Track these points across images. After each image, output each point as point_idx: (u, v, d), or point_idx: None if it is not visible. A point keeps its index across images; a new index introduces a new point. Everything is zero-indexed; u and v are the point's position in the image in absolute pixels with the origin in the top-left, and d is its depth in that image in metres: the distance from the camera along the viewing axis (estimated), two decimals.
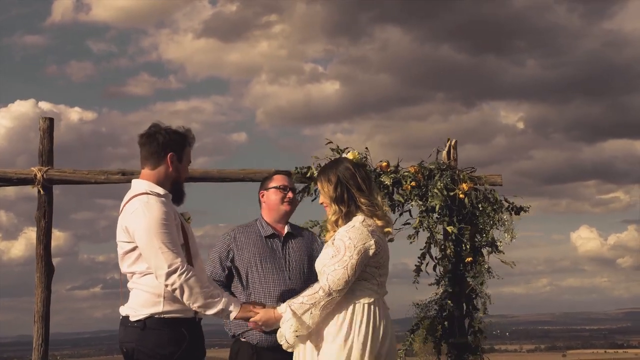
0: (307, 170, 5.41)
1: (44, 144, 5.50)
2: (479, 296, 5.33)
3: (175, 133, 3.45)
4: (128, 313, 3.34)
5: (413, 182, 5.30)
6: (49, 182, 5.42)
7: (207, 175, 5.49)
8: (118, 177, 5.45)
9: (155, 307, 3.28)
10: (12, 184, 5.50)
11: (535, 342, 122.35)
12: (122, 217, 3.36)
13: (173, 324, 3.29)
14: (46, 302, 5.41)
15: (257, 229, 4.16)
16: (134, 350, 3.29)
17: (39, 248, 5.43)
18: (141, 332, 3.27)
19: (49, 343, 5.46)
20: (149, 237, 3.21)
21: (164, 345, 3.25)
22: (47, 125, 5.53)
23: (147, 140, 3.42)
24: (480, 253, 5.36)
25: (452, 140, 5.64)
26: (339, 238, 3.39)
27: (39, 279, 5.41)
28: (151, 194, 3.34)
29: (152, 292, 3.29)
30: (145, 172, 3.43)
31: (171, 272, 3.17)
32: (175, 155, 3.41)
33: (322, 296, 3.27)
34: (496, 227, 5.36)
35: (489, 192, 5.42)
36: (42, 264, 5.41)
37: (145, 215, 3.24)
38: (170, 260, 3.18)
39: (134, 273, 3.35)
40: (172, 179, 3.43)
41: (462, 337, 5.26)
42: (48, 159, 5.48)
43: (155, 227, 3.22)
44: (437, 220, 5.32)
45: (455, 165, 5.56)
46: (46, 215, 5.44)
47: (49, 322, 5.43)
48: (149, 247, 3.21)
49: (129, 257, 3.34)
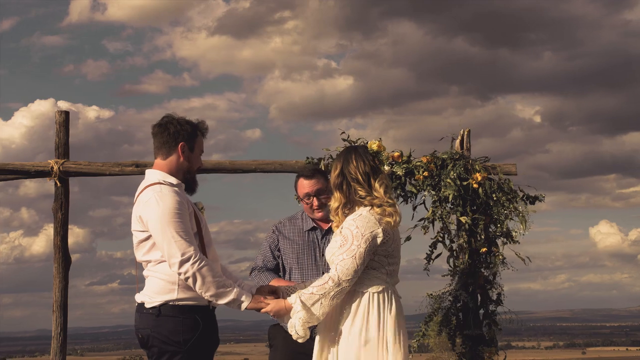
0: (318, 161, 5.42)
1: (60, 137, 5.58)
2: (493, 287, 5.31)
3: (187, 123, 3.48)
4: (143, 300, 3.38)
5: (425, 172, 5.28)
6: (65, 175, 5.50)
7: (220, 167, 5.53)
8: (132, 169, 5.52)
9: (170, 294, 3.31)
10: (29, 176, 5.59)
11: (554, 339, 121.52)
12: (136, 207, 3.39)
13: (187, 311, 3.31)
14: (64, 292, 5.49)
15: (300, 222, 4.32)
16: (149, 336, 3.33)
17: (56, 239, 5.52)
18: (156, 319, 3.30)
19: (67, 332, 5.54)
20: (162, 226, 3.24)
21: (179, 332, 3.28)
22: (63, 118, 5.61)
23: (159, 130, 3.46)
24: (494, 244, 5.33)
25: (465, 129, 5.61)
26: (346, 227, 3.40)
27: (57, 269, 5.49)
28: (164, 183, 3.37)
29: (167, 280, 3.32)
30: (158, 162, 3.46)
31: (184, 261, 3.20)
32: (186, 144, 3.44)
33: (331, 286, 3.28)
34: (511, 217, 5.33)
35: (503, 182, 5.38)
36: (59, 254, 5.50)
37: (159, 205, 3.26)
38: (184, 249, 3.20)
39: (149, 261, 3.38)
40: (184, 168, 3.45)
41: (476, 328, 5.23)
42: (64, 151, 5.56)
43: (169, 216, 3.24)
44: (451, 210, 5.30)
45: (469, 155, 5.52)
46: (63, 207, 5.52)
47: (67, 312, 5.51)
48: (163, 236, 3.24)
49: (144, 245, 3.38)
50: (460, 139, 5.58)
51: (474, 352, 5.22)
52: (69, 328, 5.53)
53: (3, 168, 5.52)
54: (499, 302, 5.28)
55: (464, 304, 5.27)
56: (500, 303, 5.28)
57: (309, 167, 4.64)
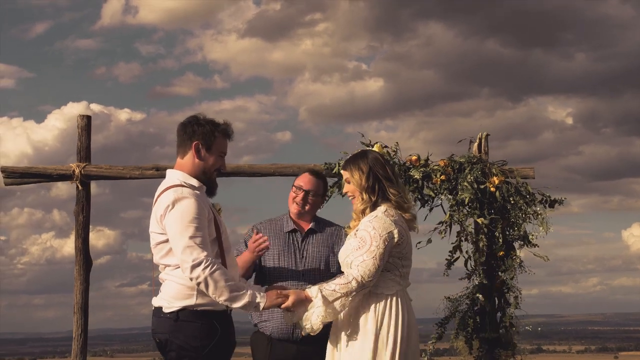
0: (335, 165, 5.44)
1: (82, 141, 5.66)
2: (510, 290, 5.28)
3: (207, 123, 3.46)
4: (161, 304, 3.39)
5: (443, 175, 5.27)
6: (86, 178, 5.58)
7: (239, 170, 5.57)
8: (152, 172, 5.59)
9: (189, 300, 3.33)
10: (52, 179, 5.69)
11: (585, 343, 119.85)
12: (155, 208, 3.40)
13: (205, 317, 3.33)
14: (85, 295, 5.57)
15: (281, 224, 4.24)
16: (167, 341, 3.35)
17: (77, 242, 5.60)
18: (174, 324, 3.32)
19: (87, 334, 5.63)
20: (179, 231, 3.25)
21: (196, 337, 3.30)
22: (85, 122, 5.70)
23: (179, 129, 3.49)
24: (512, 247, 5.30)
25: (483, 133, 5.58)
26: (362, 229, 3.41)
27: (78, 271, 5.58)
28: (185, 185, 3.37)
29: (185, 285, 3.33)
30: (178, 162, 3.49)
31: (195, 266, 3.20)
32: (201, 144, 3.43)
33: (354, 287, 3.29)
34: (529, 220, 5.30)
35: (521, 185, 5.35)
36: (80, 257, 5.58)
37: (178, 209, 3.27)
38: (195, 255, 3.21)
39: (167, 265, 3.39)
40: (201, 168, 3.44)
41: (493, 332, 5.20)
42: (86, 155, 5.64)
43: (186, 221, 3.25)
44: (468, 214, 5.28)
45: (487, 158, 5.50)
46: (84, 209, 5.60)
47: (88, 314, 5.59)
48: (178, 241, 3.25)
49: (161, 248, 3.39)
50: (478, 142, 5.56)
51: (491, 356, 5.20)
52: (99, 329, 5.71)
53: (26, 172, 5.63)
54: (516, 305, 5.24)
55: (481, 307, 5.24)
56: (518, 306, 5.24)
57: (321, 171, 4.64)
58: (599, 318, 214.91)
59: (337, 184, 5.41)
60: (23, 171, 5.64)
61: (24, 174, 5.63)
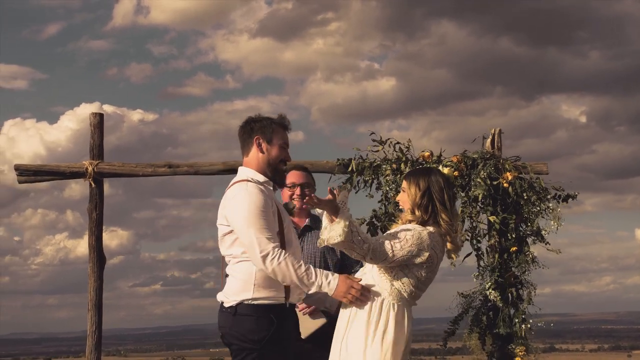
0: (349, 161, 5.44)
1: (94, 139, 5.70)
2: (524, 286, 5.26)
3: (263, 118, 3.59)
4: (222, 299, 3.49)
5: (456, 171, 5.25)
6: (99, 175, 5.61)
7: None
8: (164, 170, 5.61)
9: (246, 294, 3.40)
10: (65, 177, 5.72)
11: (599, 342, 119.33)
12: (222, 202, 3.51)
13: (262, 310, 3.39)
14: (99, 292, 5.61)
15: None
16: (227, 334, 3.44)
17: (91, 239, 5.64)
18: (233, 318, 3.40)
19: (102, 331, 5.65)
20: (245, 223, 3.33)
21: (254, 330, 3.36)
22: (97, 120, 5.73)
23: (239, 130, 3.61)
24: (525, 243, 5.28)
25: (496, 129, 5.56)
26: (404, 228, 3.37)
27: (92, 268, 5.61)
28: (251, 181, 3.47)
29: (244, 279, 3.41)
30: (244, 161, 3.59)
31: (264, 257, 3.27)
32: (261, 137, 3.53)
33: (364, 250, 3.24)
34: (542, 215, 5.28)
35: (534, 181, 5.33)
36: (94, 254, 5.62)
37: (243, 202, 3.36)
38: (263, 246, 3.28)
39: (232, 256, 3.48)
40: (266, 162, 3.53)
41: (506, 327, 5.18)
42: (99, 152, 5.67)
43: (252, 213, 3.33)
44: (480, 210, 5.26)
45: (500, 154, 5.48)
46: (97, 207, 5.64)
47: (102, 311, 5.62)
48: (245, 233, 3.33)
49: (226, 240, 3.48)
50: (492, 138, 5.54)
51: (504, 351, 5.18)
52: (112, 329, 5.77)
53: (39, 170, 5.67)
54: (529, 301, 5.22)
55: (494, 303, 5.22)
56: (531, 302, 5.22)
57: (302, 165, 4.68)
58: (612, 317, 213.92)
59: (349, 180, 5.43)
60: (36, 169, 5.68)
61: (38, 172, 5.67)
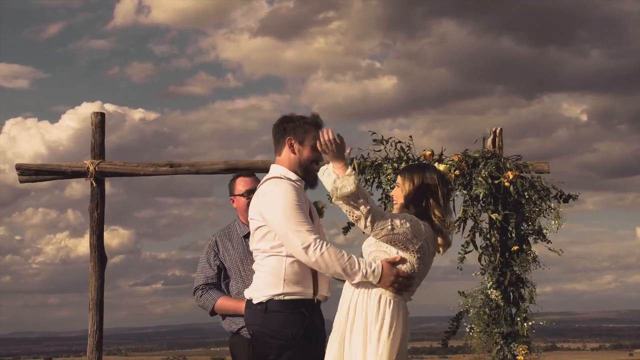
0: (351, 161, 5.44)
1: (95, 138, 5.69)
2: (525, 285, 5.26)
3: (296, 118, 3.60)
4: (251, 296, 3.49)
5: (457, 171, 5.25)
6: (100, 175, 5.61)
7: (252, 166, 5.56)
8: (166, 169, 5.60)
9: (276, 289, 3.40)
10: (66, 176, 5.71)
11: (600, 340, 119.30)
12: (254, 198, 3.54)
13: (294, 306, 3.40)
14: (100, 291, 5.60)
15: (235, 230, 4.34)
16: (259, 332, 3.43)
17: (92, 238, 5.63)
18: (265, 315, 3.40)
19: (103, 330, 5.65)
20: (283, 218, 3.33)
21: (287, 326, 3.37)
22: (99, 120, 5.72)
23: (273, 130, 3.65)
24: (526, 242, 5.28)
25: (497, 128, 5.56)
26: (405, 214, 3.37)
27: (93, 268, 5.60)
28: (283, 178, 3.50)
29: (273, 274, 3.42)
30: (277, 159, 3.62)
31: (306, 248, 3.27)
32: (293, 138, 3.55)
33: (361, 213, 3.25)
34: (543, 215, 5.27)
35: (535, 180, 5.32)
36: (95, 253, 5.61)
37: (279, 197, 3.38)
38: (304, 237, 3.28)
39: (259, 250, 3.49)
40: (297, 162, 3.55)
41: (508, 326, 5.18)
42: (100, 152, 5.67)
43: (288, 207, 3.34)
44: (482, 209, 5.26)
45: (501, 153, 5.47)
46: (99, 206, 5.63)
47: (103, 310, 5.62)
48: (283, 227, 3.33)
49: (256, 234, 3.50)
50: (492, 137, 5.54)
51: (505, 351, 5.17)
52: (113, 328, 5.76)
53: (41, 169, 5.66)
54: (531, 300, 5.22)
55: (495, 302, 5.22)
56: (533, 301, 5.22)
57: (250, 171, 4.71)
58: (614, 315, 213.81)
59: None
60: (37, 168, 5.67)
61: (39, 171, 5.67)
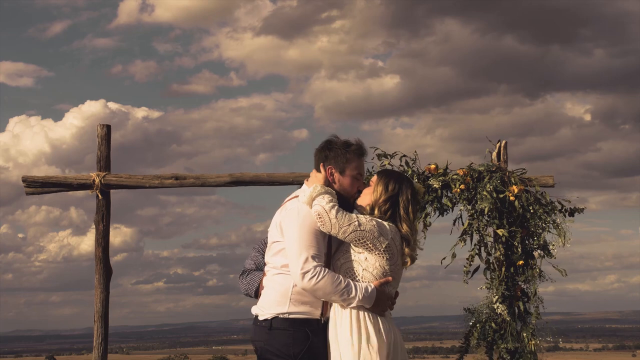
0: None
1: (101, 150, 5.71)
2: (530, 300, 5.26)
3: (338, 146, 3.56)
4: (257, 312, 3.51)
5: (462, 185, 5.25)
6: (106, 187, 5.63)
7: (257, 179, 5.60)
8: (171, 182, 5.63)
9: (281, 307, 3.42)
10: (72, 189, 5.74)
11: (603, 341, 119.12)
12: (279, 211, 3.54)
13: (298, 325, 3.41)
14: (105, 303, 5.62)
15: None
16: (263, 349, 3.46)
17: (97, 250, 5.65)
18: (269, 332, 3.42)
19: (108, 343, 5.67)
20: (297, 239, 3.35)
21: (290, 345, 3.39)
22: (105, 132, 5.74)
23: (315, 152, 3.63)
24: (531, 257, 5.27)
25: (502, 141, 5.56)
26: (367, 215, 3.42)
27: (98, 280, 5.62)
28: None
29: (280, 292, 3.44)
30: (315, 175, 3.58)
31: (303, 274, 3.29)
32: (334, 167, 3.53)
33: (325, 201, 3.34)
34: (548, 229, 5.27)
35: (540, 194, 5.33)
36: (100, 265, 5.64)
37: (299, 217, 3.39)
38: (303, 264, 3.30)
39: (271, 267, 3.51)
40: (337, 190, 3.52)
41: (514, 342, 5.18)
42: (106, 164, 5.70)
43: (303, 228, 3.36)
44: (487, 223, 5.27)
45: (506, 167, 5.48)
46: (104, 219, 5.65)
47: (108, 323, 5.64)
48: (293, 248, 3.35)
49: (272, 248, 3.52)
50: (497, 150, 5.54)
51: None
52: (115, 326, 5.70)
53: (47, 181, 5.68)
54: (537, 315, 5.22)
55: (501, 317, 5.22)
56: (539, 317, 5.22)
57: None
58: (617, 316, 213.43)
59: None
60: (44, 180, 5.69)
61: (45, 184, 5.69)
